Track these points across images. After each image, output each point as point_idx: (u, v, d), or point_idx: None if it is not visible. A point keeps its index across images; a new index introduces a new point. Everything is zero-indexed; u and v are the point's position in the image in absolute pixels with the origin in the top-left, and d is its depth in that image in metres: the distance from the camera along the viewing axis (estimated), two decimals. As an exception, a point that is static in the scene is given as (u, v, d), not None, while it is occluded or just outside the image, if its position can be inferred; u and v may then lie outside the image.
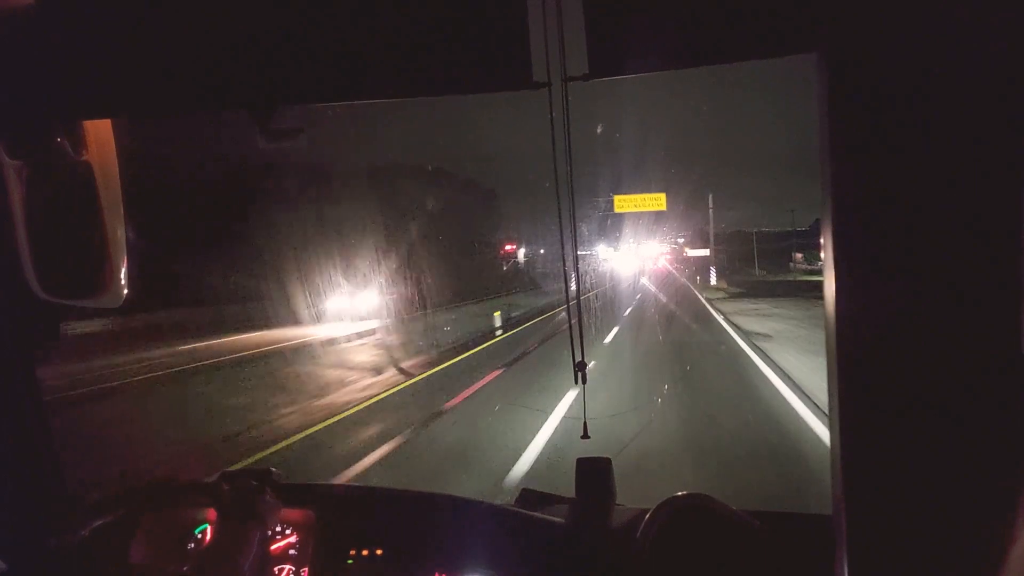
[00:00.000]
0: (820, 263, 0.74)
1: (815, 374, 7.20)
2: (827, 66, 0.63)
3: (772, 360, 8.53)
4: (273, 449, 5.49)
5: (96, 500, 1.06)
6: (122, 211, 0.92)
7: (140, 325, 14.32)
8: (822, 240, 0.67)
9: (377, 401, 7.36)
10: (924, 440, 0.61)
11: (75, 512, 1.02)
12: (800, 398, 6.28)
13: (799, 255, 52.93)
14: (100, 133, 0.89)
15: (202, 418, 6.87)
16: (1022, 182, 0.59)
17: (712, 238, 33.18)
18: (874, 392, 0.63)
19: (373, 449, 5.34)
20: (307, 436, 5.91)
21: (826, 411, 0.75)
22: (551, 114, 0.87)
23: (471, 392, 7.54)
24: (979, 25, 0.58)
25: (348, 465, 4.93)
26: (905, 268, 0.62)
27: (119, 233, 0.91)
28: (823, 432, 4.98)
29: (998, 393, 0.60)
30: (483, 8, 0.72)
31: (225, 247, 16.98)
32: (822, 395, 5.55)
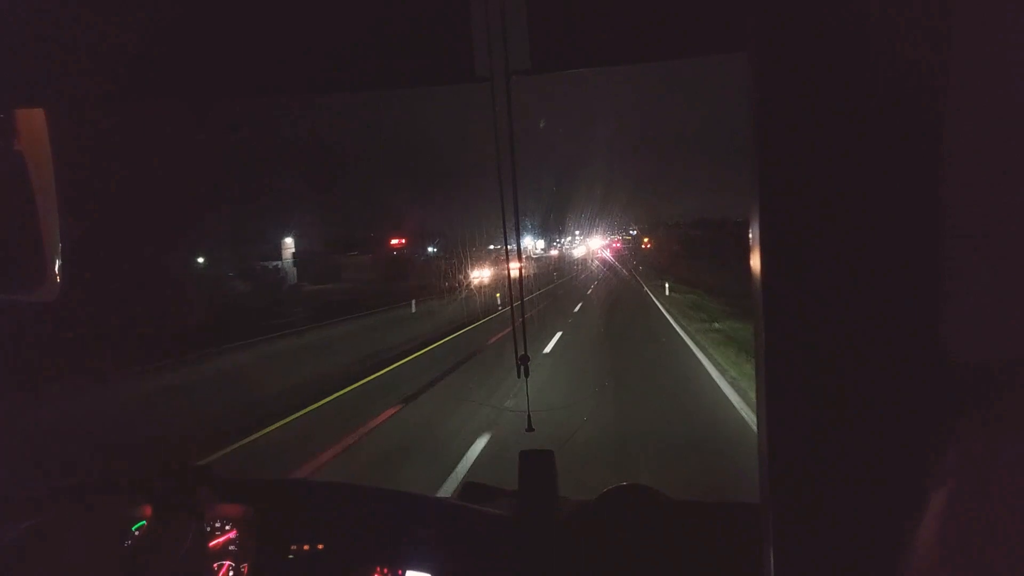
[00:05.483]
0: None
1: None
2: (755, 65, 0.64)
3: None
4: None
5: (25, 499, 1.02)
6: (56, 202, 0.89)
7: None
8: (750, 236, 0.67)
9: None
10: (846, 432, 0.62)
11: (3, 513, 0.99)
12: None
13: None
14: (33, 123, 0.86)
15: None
16: (941, 181, 0.60)
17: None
18: (800, 385, 0.63)
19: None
20: None
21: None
22: (495, 108, 0.87)
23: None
24: (902, 27, 0.59)
25: None
26: (831, 264, 0.63)
27: (53, 225, 0.89)
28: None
29: (917, 388, 0.61)
30: (426, 1, 0.72)
31: None
32: None
